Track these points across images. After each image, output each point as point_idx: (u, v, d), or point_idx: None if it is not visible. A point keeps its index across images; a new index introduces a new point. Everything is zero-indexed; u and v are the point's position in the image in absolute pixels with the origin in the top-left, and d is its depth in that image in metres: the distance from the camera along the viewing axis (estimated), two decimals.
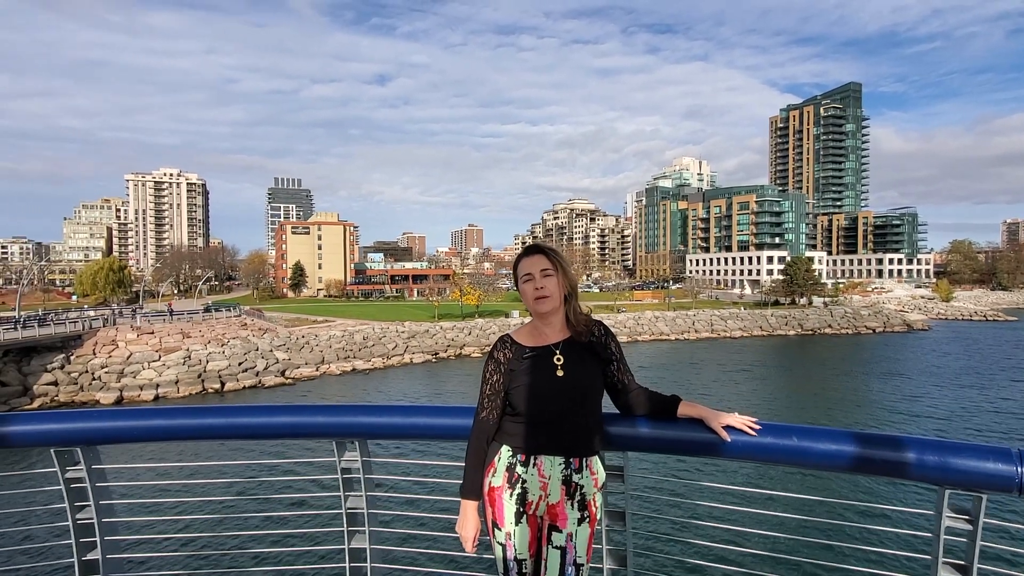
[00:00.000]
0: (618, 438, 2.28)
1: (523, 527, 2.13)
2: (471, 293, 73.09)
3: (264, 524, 6.05)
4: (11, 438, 2.43)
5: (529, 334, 2.24)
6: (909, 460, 1.96)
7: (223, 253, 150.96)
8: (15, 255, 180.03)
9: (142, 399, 37.61)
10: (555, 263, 2.20)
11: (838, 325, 75.71)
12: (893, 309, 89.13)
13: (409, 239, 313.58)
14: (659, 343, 65.32)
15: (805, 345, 64.34)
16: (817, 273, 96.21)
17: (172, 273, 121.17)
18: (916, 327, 77.49)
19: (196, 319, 51.00)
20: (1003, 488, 1.88)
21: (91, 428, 2.51)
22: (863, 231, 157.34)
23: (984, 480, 1.91)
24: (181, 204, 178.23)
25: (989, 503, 1.95)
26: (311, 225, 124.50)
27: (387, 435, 2.59)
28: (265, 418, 2.58)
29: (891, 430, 27.88)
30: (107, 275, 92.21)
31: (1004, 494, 1.91)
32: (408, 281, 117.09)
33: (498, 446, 2.18)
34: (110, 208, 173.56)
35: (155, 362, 41.12)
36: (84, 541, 2.56)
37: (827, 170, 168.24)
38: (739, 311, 79.69)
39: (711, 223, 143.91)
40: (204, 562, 6.97)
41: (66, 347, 40.40)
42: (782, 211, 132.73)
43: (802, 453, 2.10)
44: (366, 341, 54.12)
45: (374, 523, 2.61)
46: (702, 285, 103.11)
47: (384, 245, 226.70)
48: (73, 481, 2.52)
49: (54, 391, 36.95)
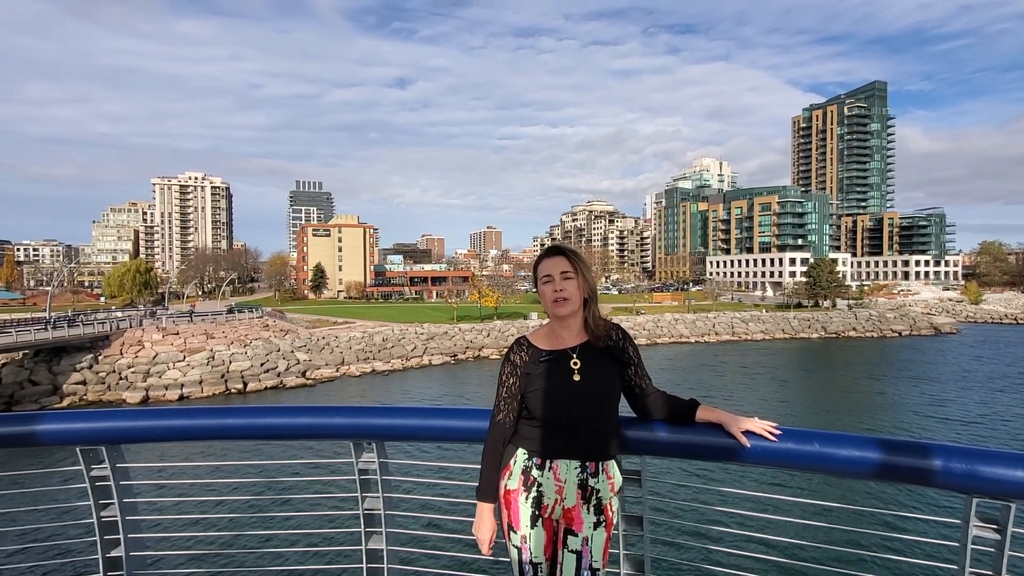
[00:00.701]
0: (635, 442, 2.26)
1: (539, 530, 2.12)
2: (490, 295, 73.23)
3: (282, 523, 6.11)
4: (39, 436, 2.49)
5: (546, 337, 2.22)
6: (935, 467, 1.91)
7: (246, 255, 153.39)
8: (46, 257, 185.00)
9: (167, 399, 38.34)
10: (576, 266, 2.18)
11: (863, 328, 74.28)
12: (920, 312, 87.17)
13: (428, 241, 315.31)
14: (679, 346, 64.74)
15: (829, 348, 63.24)
16: (841, 275, 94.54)
17: (196, 275, 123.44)
18: (944, 330, 75.66)
19: (219, 320, 51.88)
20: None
21: (115, 427, 2.56)
22: (889, 232, 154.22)
23: (1013, 488, 1.85)
24: (205, 207, 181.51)
25: (1018, 512, 1.89)
26: (331, 228, 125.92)
27: (404, 437, 2.60)
28: (284, 419, 2.61)
29: (917, 436, 27.27)
30: (134, 277, 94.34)
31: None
32: (427, 283, 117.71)
33: (514, 449, 2.18)
34: (137, 211, 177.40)
35: (180, 362, 41.90)
36: (108, 538, 2.62)
37: (851, 170, 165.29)
38: (761, 314, 78.63)
39: (732, 224, 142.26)
40: (224, 560, 7.06)
41: (94, 347, 41.38)
42: (805, 212, 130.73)
43: (824, 459, 2.05)
44: (385, 342, 54.51)
45: (391, 524, 2.63)
46: (723, 287, 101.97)
47: (403, 247, 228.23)
48: (98, 479, 2.57)
49: (82, 390, 37.85)
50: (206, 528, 5.71)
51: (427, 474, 2.66)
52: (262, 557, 4.72)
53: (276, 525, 6.32)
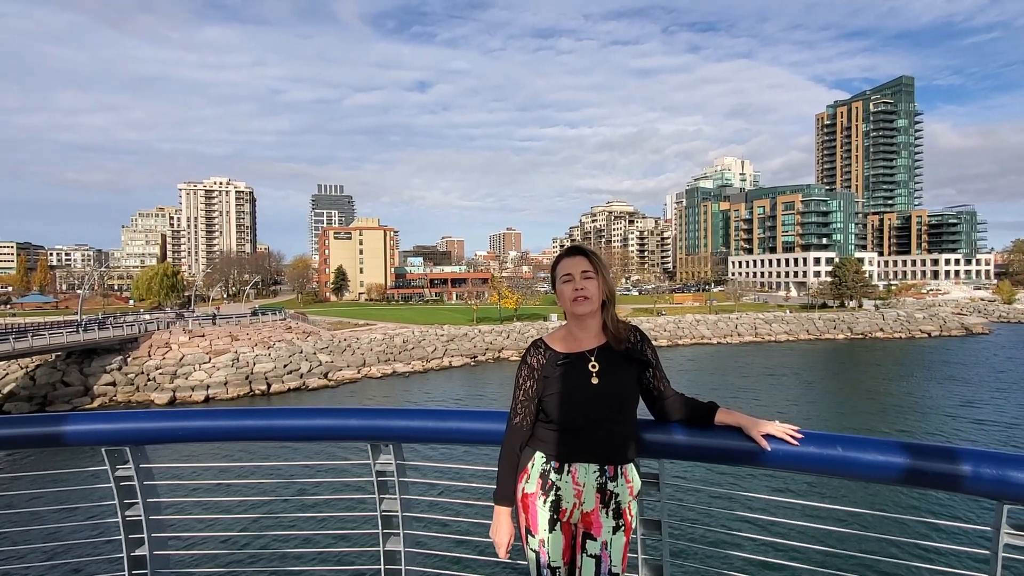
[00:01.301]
0: (654, 445, 2.24)
1: (557, 534, 2.11)
2: (509, 296, 73.27)
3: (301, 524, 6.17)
4: (65, 437, 2.55)
5: (563, 339, 2.21)
6: (964, 473, 1.86)
7: (269, 258, 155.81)
8: (77, 262, 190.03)
9: (193, 400, 39.07)
10: (596, 266, 2.16)
11: (890, 329, 72.67)
12: (950, 312, 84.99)
13: (448, 243, 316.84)
14: (700, 347, 64.00)
15: (855, 350, 62.00)
16: (867, 274, 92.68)
17: (221, 278, 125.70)
18: (975, 331, 73.62)
19: (244, 322, 52.72)
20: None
21: (139, 428, 2.61)
22: (917, 230, 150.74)
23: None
24: (230, 211, 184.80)
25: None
26: (353, 230, 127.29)
27: (421, 439, 2.61)
28: (302, 420, 2.64)
29: (946, 441, 26.57)
30: (161, 280, 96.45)
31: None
32: (447, 285, 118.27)
33: (531, 452, 2.16)
34: (164, 216, 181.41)
35: (205, 364, 42.68)
36: (133, 537, 2.67)
37: (877, 168, 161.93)
38: (784, 314, 77.42)
39: (754, 224, 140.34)
40: (243, 559, 7.16)
41: (124, 349, 42.36)
42: (829, 211, 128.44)
43: (847, 464, 2.01)
44: (406, 344, 54.87)
45: (408, 526, 2.64)
46: (745, 288, 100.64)
47: (423, 249, 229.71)
48: (122, 479, 2.63)
49: (112, 391, 38.77)
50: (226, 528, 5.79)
51: (444, 476, 2.68)
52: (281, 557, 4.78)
53: (295, 526, 6.38)
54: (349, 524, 2.96)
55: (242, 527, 6.73)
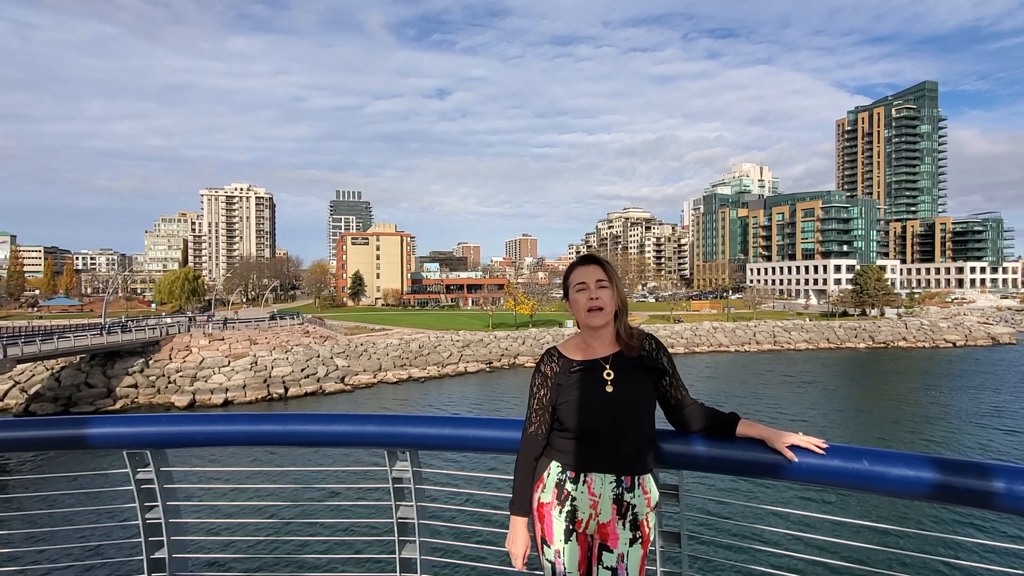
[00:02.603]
0: (673, 456, 2.20)
1: (573, 545, 2.08)
2: (525, 303, 73.23)
3: (318, 529, 6.20)
4: (88, 440, 2.58)
5: (577, 347, 2.18)
6: (998, 490, 1.79)
7: (288, 263, 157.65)
8: (102, 266, 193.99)
9: (212, 402, 39.57)
10: (610, 275, 2.15)
11: (913, 338, 71.26)
12: (975, 321, 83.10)
13: (464, 249, 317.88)
14: (718, 355, 63.33)
15: (877, 359, 60.87)
16: (889, 282, 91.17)
17: (241, 283, 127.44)
18: (1002, 341, 71.91)
19: (262, 326, 53.33)
20: None
21: (160, 432, 2.64)
22: (941, 238, 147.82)
23: None
24: (250, 217, 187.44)
25: None
26: (370, 236, 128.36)
27: (438, 446, 2.60)
28: (320, 426, 2.65)
29: (976, 455, 25.89)
30: (182, 284, 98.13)
31: None
32: (463, 290, 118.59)
33: (547, 461, 2.14)
34: (186, 221, 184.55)
35: (225, 367, 43.24)
36: (152, 540, 2.69)
37: (900, 174, 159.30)
38: (804, 322, 76.34)
39: (773, 231, 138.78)
40: (260, 563, 7.21)
41: (145, 352, 43.10)
42: (850, 217, 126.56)
43: (874, 478, 1.95)
44: (421, 349, 55.07)
45: (424, 534, 2.62)
46: (763, 295, 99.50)
47: (440, 255, 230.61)
48: (143, 482, 2.65)
49: (134, 393, 39.43)
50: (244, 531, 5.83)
51: (461, 484, 2.64)
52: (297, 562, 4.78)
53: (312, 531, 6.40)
54: (365, 530, 2.96)
55: (259, 531, 6.79)
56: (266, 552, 3.80)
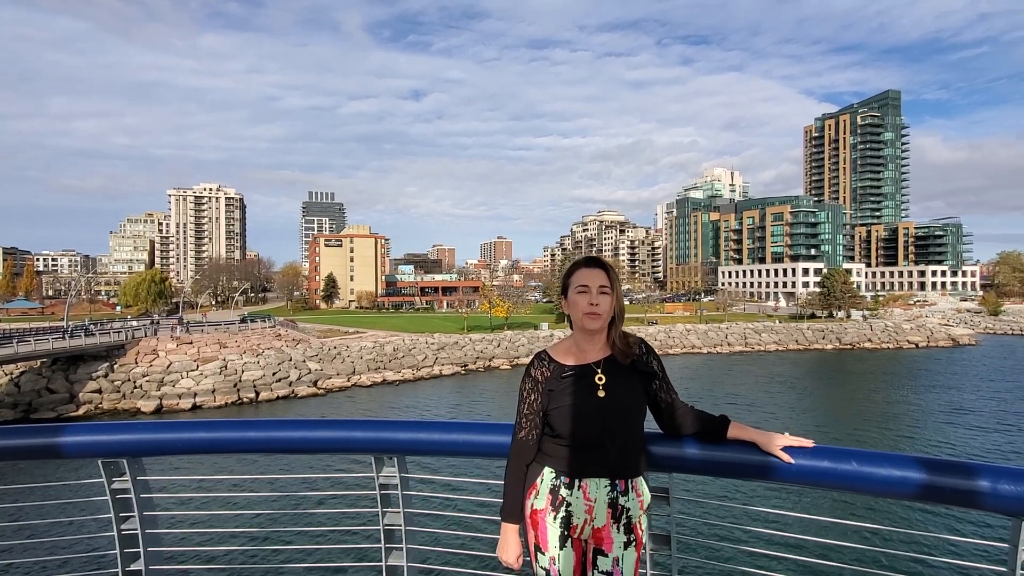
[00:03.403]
0: (663, 459, 2.21)
1: (568, 551, 2.06)
2: (500, 305, 73.22)
3: (302, 539, 6.06)
4: (61, 449, 2.48)
5: (568, 351, 2.17)
6: (982, 489, 1.84)
7: (259, 265, 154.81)
8: (64, 267, 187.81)
9: (180, 408, 38.60)
10: (613, 282, 2.12)
11: (878, 339, 73.32)
12: (937, 323, 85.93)
13: (439, 251, 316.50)
14: (691, 357, 64.23)
15: (843, 360, 62.45)
16: (855, 285, 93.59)
17: (210, 285, 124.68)
18: (962, 342, 74.50)
19: (232, 329, 52.25)
20: None
21: (138, 440, 2.54)
22: (904, 242, 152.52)
23: None
24: (220, 218, 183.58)
25: None
26: (343, 238, 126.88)
27: (426, 452, 2.56)
28: (304, 432, 2.58)
29: (940, 453, 26.74)
30: (149, 287, 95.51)
31: None
32: (438, 293, 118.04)
33: (540, 467, 2.12)
34: (153, 222, 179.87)
35: (193, 371, 42.21)
36: (128, 551, 2.59)
37: (865, 180, 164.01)
38: (774, 324, 77.90)
39: (744, 234, 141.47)
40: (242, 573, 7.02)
41: (110, 356, 41.81)
42: (818, 222, 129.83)
43: (863, 479, 1.99)
44: (396, 352, 54.60)
45: (412, 540, 2.58)
46: (734, 297, 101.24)
47: (414, 257, 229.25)
48: (119, 492, 2.56)
49: (98, 399, 38.21)
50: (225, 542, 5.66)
51: (449, 490, 2.61)
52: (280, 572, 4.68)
53: (295, 540, 6.26)
54: (351, 538, 2.90)
55: (241, 541, 6.58)
56: (248, 562, 3.69)
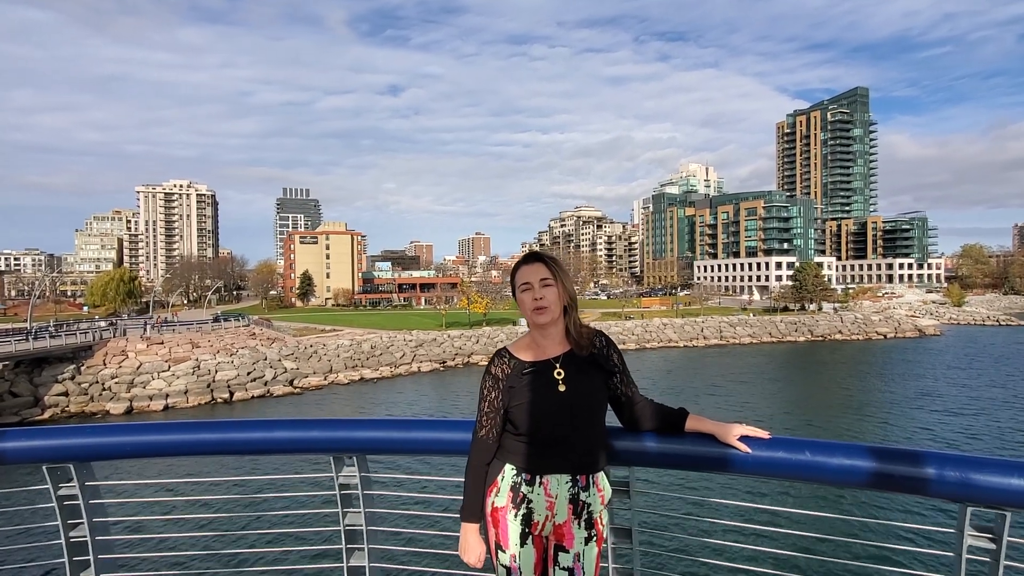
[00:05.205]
0: (623, 453, 2.21)
1: (528, 548, 2.05)
2: (478, 301, 73.09)
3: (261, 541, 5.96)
4: (3, 455, 2.38)
5: (528, 347, 2.15)
6: (928, 476, 1.88)
7: (232, 263, 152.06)
8: (27, 267, 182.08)
9: (151, 409, 37.75)
10: (555, 272, 2.11)
11: (848, 331, 75.07)
12: (904, 314, 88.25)
13: (417, 248, 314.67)
14: (668, 350, 64.95)
15: (815, 351, 63.81)
16: (826, 279, 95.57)
17: (182, 283, 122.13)
18: (928, 332, 76.71)
19: (205, 328, 51.27)
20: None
21: (84, 444, 2.46)
22: (872, 236, 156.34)
23: (1008, 497, 1.82)
24: (191, 215, 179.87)
25: (1014, 521, 1.86)
26: (319, 235, 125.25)
27: (386, 450, 2.53)
28: (261, 433, 2.52)
29: (907, 443, 27.51)
30: (117, 286, 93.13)
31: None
32: (416, 290, 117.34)
33: (500, 465, 2.10)
34: (121, 219, 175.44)
35: (165, 372, 41.30)
36: (77, 560, 2.51)
37: (835, 175, 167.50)
38: (748, 317, 79.18)
39: (719, 229, 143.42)
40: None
41: (77, 358, 40.68)
42: (790, 216, 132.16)
43: (816, 468, 2.01)
44: (374, 350, 54.17)
45: (374, 540, 2.55)
46: (710, 292, 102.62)
47: (392, 254, 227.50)
48: (66, 498, 2.47)
49: (64, 402, 37.15)
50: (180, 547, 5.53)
51: (412, 488, 2.59)
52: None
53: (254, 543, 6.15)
54: (311, 540, 2.86)
55: (197, 545, 6.44)
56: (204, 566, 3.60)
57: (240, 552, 2.23)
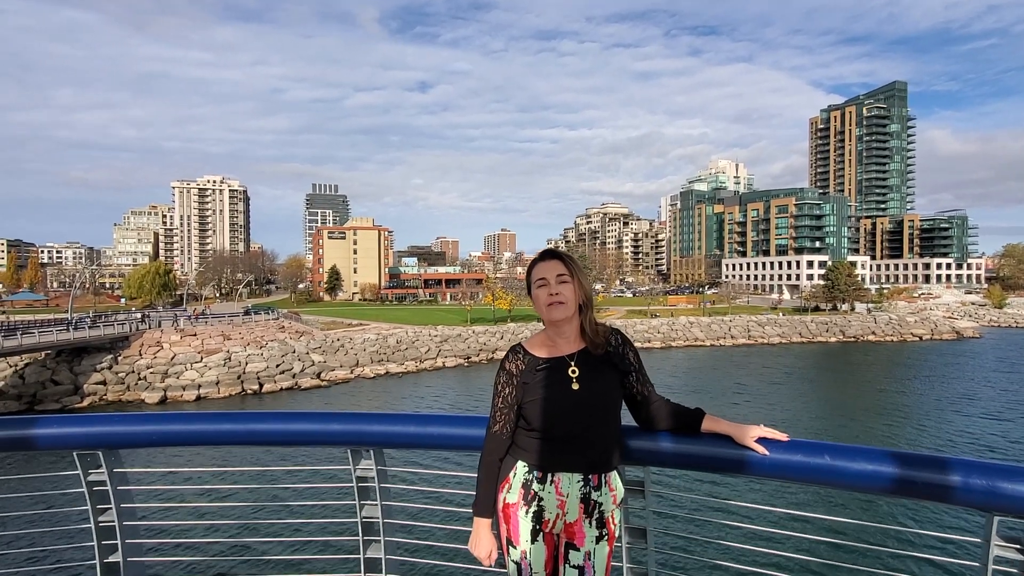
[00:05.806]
0: (638, 452, 2.19)
1: (539, 545, 2.05)
2: (503, 297, 73.21)
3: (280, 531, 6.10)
4: (36, 441, 2.47)
5: (542, 344, 2.15)
6: (954, 483, 1.82)
7: (262, 257, 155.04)
8: (69, 260, 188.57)
9: (184, 399, 38.81)
10: (571, 269, 2.11)
11: (882, 332, 73.10)
12: (941, 316, 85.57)
13: (443, 243, 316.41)
14: (694, 349, 64.15)
15: (847, 352, 62.32)
16: (860, 278, 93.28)
17: (214, 277, 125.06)
18: (966, 335, 74.21)
19: (236, 321, 52.44)
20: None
21: (113, 432, 2.54)
22: (909, 235, 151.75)
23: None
24: (223, 210, 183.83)
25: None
26: (347, 230, 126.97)
27: (402, 444, 2.55)
28: (281, 425, 2.58)
29: (935, 448, 26.70)
30: (153, 279, 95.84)
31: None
32: (441, 285, 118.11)
33: (513, 461, 2.10)
34: (157, 214, 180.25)
35: (197, 363, 42.42)
36: (106, 543, 2.60)
37: (870, 172, 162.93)
38: (777, 317, 77.70)
39: (748, 227, 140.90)
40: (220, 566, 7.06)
41: (114, 348, 42.04)
42: (823, 214, 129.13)
43: (835, 473, 1.96)
44: (399, 344, 54.73)
45: (389, 533, 2.58)
46: (738, 290, 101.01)
47: (418, 249, 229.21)
48: (95, 484, 2.56)
49: (103, 390, 38.46)
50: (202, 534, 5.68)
51: (427, 482, 2.59)
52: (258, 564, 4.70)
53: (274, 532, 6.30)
54: (328, 531, 2.90)
55: (219, 533, 6.62)
56: (226, 554, 3.71)
57: (259, 540, 2.28)
